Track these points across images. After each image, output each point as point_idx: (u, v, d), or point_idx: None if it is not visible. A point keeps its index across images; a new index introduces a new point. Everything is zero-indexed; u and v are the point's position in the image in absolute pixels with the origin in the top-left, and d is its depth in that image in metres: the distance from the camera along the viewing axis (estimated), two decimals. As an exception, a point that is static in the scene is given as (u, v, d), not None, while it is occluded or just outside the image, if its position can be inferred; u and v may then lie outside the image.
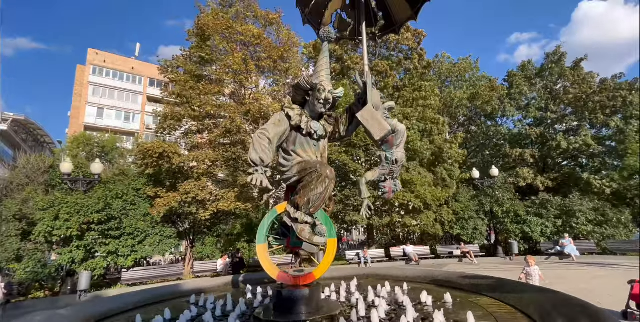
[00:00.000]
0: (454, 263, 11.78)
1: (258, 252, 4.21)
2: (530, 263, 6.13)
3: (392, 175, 4.26)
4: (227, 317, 3.49)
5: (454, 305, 3.78)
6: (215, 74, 12.03)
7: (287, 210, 3.77)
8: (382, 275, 6.30)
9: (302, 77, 3.83)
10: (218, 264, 11.14)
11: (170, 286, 5.71)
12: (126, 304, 4.51)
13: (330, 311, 3.53)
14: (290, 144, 3.81)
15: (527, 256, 6.47)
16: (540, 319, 3.01)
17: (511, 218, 14.66)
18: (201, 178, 11.04)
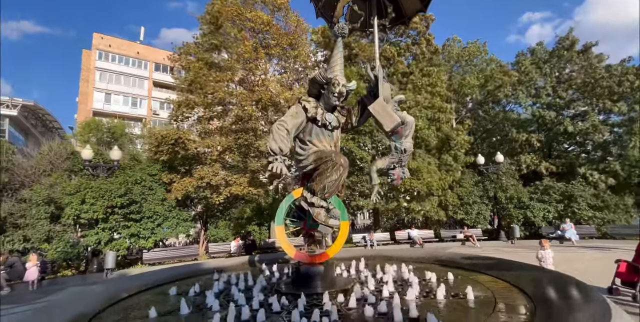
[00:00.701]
0: (457, 246, 12.26)
1: (277, 233, 4.62)
2: (544, 247, 6.12)
3: (401, 163, 4.59)
4: (250, 290, 3.91)
5: (455, 281, 4.17)
6: (226, 62, 12.17)
7: (304, 195, 4.12)
8: (388, 256, 6.73)
9: (318, 72, 4.07)
10: (232, 246, 11.78)
11: (194, 265, 6.24)
12: (159, 279, 5.02)
13: (344, 286, 3.93)
14: (307, 134, 4.10)
15: (542, 240, 6.52)
16: (532, 293, 3.36)
17: (514, 203, 14.99)
18: (214, 164, 11.47)
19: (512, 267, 4.56)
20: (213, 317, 2.80)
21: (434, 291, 3.61)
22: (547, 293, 3.28)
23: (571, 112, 18.70)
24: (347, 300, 3.36)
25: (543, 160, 17.51)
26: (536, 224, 14.49)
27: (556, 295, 3.17)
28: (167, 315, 3.16)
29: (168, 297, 4.01)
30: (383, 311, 2.97)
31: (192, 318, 3.06)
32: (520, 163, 16.78)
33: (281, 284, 4.30)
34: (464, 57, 21.87)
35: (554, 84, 19.05)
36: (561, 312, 2.68)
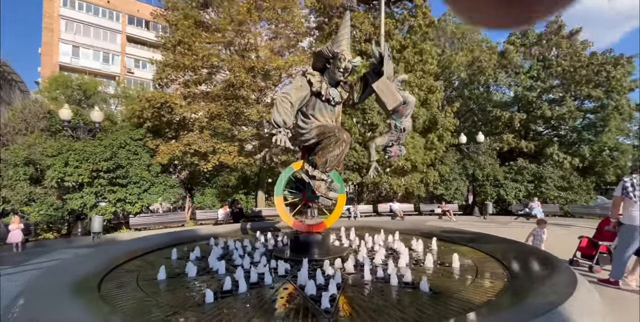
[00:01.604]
0: (435, 220, 13.09)
1: (276, 203, 4.80)
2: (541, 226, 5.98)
3: (399, 141, 4.77)
4: (249, 256, 4.13)
5: (439, 251, 4.59)
6: (219, 22, 11.34)
7: (306, 168, 4.24)
8: (375, 227, 7.15)
9: (325, 46, 4.01)
10: (219, 214, 11.98)
11: (189, 231, 6.39)
12: (157, 243, 5.16)
13: (339, 253, 4.22)
14: (310, 108, 4.11)
15: (539, 219, 6.40)
16: (508, 262, 3.79)
17: (490, 181, 15.94)
18: (204, 131, 11.20)
19: (488, 240, 5.04)
20: (224, 279, 3.01)
21: (423, 259, 3.99)
22: (520, 262, 3.72)
23: (550, 97, 19.37)
24: (345, 266, 3.66)
25: (522, 139, 18.38)
26: (507, 201, 15.62)
27: (528, 264, 3.61)
28: (175, 277, 3.34)
29: (170, 261, 4.18)
30: (380, 276, 3.29)
31: (201, 280, 3.24)
32: (502, 141, 17.54)
33: (279, 251, 4.58)
34: (457, 35, 21.61)
35: (539, 68, 19.47)
36: (534, 277, 3.09)
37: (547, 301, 2.19)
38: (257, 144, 12.78)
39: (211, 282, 3.16)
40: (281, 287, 3.02)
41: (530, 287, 2.73)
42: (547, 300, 2.23)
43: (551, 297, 2.26)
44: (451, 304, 2.54)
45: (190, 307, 2.46)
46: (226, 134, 12.07)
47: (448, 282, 3.21)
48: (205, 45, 11.59)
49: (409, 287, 3.00)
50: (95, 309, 2.38)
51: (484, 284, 3.12)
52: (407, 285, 3.04)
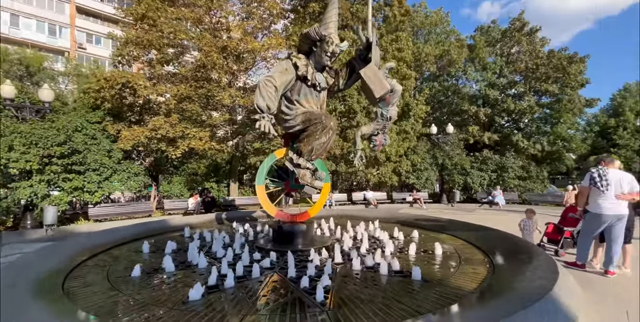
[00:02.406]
0: (406, 208, 13.54)
1: (257, 192, 4.61)
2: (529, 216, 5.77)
3: (384, 130, 4.73)
4: (229, 247, 3.94)
5: (419, 239, 4.69)
6: None
7: (290, 156, 4.06)
8: (354, 216, 7.21)
9: (312, 28, 3.78)
10: (189, 203, 11.42)
11: (159, 221, 5.99)
12: (125, 236, 4.78)
13: (323, 243, 4.15)
14: (295, 93, 3.91)
15: (527, 209, 6.07)
16: (486, 249, 3.94)
17: (458, 170, 16.75)
18: (172, 114, 10.41)
19: (463, 227, 5.23)
20: (208, 273, 2.81)
21: (406, 247, 4.04)
22: (497, 248, 3.88)
23: (513, 92, 20.52)
24: (331, 256, 3.60)
25: (486, 131, 19.45)
26: (473, 189, 16.56)
27: (505, 250, 3.77)
28: (152, 273, 3.07)
29: (143, 254, 3.87)
30: (369, 265, 3.27)
31: (182, 275, 3.01)
32: (467, 133, 18.44)
33: (261, 241, 4.41)
34: (426, 26, 21.93)
35: (502, 64, 20.50)
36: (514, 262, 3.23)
37: (537, 285, 2.27)
38: (229, 130, 12.23)
39: (193, 277, 2.94)
40: (270, 280, 2.89)
41: (515, 272, 2.83)
42: (536, 284, 2.31)
43: (539, 282, 2.34)
44: (443, 292, 2.56)
45: (175, 305, 2.26)
46: (196, 118, 11.38)
47: (435, 270, 3.26)
48: (171, 22, 10.66)
49: (399, 275, 3.00)
50: (63, 311, 2.11)
51: (468, 270, 3.20)
52: (397, 274, 3.04)
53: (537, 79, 19.33)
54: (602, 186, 4.34)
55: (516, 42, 20.69)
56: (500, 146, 19.28)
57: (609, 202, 4.34)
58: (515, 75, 20.53)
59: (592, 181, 4.44)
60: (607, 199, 4.35)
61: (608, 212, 4.34)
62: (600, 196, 4.39)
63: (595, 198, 4.45)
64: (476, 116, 19.02)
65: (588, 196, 4.53)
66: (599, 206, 4.41)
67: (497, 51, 21.11)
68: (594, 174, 4.46)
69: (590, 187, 4.47)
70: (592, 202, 4.53)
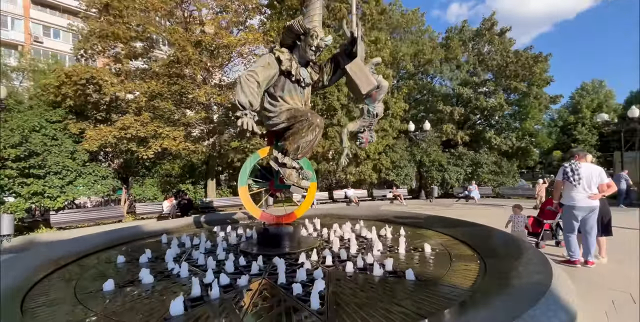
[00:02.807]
0: (387, 204, 13.68)
1: (240, 193, 4.37)
2: (516, 212, 5.68)
3: (370, 127, 4.64)
4: (212, 253, 3.71)
5: (406, 237, 4.66)
6: None
7: (275, 155, 3.88)
8: (338, 214, 7.10)
9: (296, 20, 3.62)
10: (164, 206, 10.83)
11: (132, 227, 5.58)
12: (94, 244, 4.38)
13: (311, 245, 3.99)
14: (278, 89, 3.76)
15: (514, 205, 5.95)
16: (474, 244, 3.95)
17: (435, 167, 17.19)
18: (143, 112, 9.77)
19: (447, 223, 5.25)
20: (191, 283, 2.58)
21: (395, 245, 3.98)
22: (484, 243, 3.91)
23: (485, 90, 21.40)
24: (322, 258, 3.46)
25: (460, 130, 20.14)
26: (450, 185, 17.07)
27: (493, 245, 3.80)
28: (128, 286, 2.78)
29: (115, 265, 3.54)
30: (360, 266, 3.16)
31: (162, 287, 2.75)
32: (442, 132, 19.02)
33: (245, 245, 4.19)
34: (402, 25, 22.34)
35: (474, 62, 21.32)
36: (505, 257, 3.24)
37: (534, 281, 2.25)
38: (205, 129, 11.73)
39: (174, 289, 2.69)
40: (260, 287, 2.70)
41: (508, 268, 2.82)
42: (534, 280, 2.29)
43: (536, 277, 2.33)
44: (440, 291, 2.50)
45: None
46: (169, 116, 10.79)
47: (427, 268, 3.20)
48: (138, 13, 10.00)
49: (394, 276, 2.91)
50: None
51: (460, 267, 3.16)
52: (391, 274, 2.95)
53: (507, 77, 20.28)
54: (574, 180, 4.51)
55: (488, 42, 21.54)
56: (474, 143, 20.08)
57: (582, 195, 4.52)
58: (486, 73, 21.39)
59: (565, 175, 4.60)
60: (579, 191, 4.52)
61: (581, 204, 4.51)
62: (573, 189, 4.55)
63: (569, 191, 4.62)
64: (451, 115, 19.63)
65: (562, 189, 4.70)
66: (572, 199, 4.58)
67: (470, 50, 21.90)
68: (567, 168, 4.62)
69: (564, 181, 4.63)
70: (565, 195, 4.70)
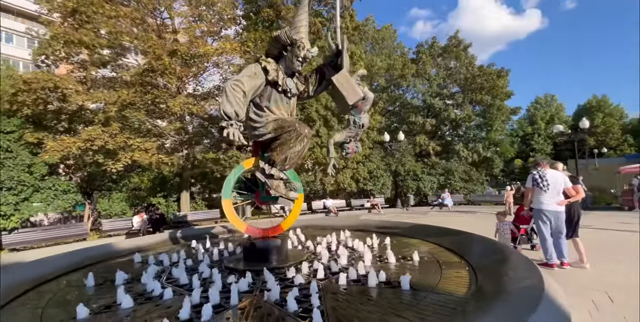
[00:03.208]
0: (365, 214, 13.78)
1: (224, 207, 4.18)
2: (500, 219, 5.76)
3: (356, 138, 4.69)
4: (194, 271, 3.51)
5: (392, 246, 4.67)
6: None
7: (261, 166, 3.80)
8: (320, 225, 7.01)
9: (283, 31, 3.66)
10: (134, 222, 10.12)
11: (100, 247, 5.14)
12: (58, 267, 3.97)
13: (299, 258, 3.89)
14: (265, 99, 3.74)
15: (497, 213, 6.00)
16: (456, 249, 4.04)
17: (411, 176, 17.68)
18: (110, 123, 9.18)
19: (429, 230, 5.31)
20: (177, 305, 2.39)
21: (384, 255, 3.97)
22: (469, 249, 4.01)
23: (453, 102, 22.64)
24: (312, 271, 3.36)
25: (431, 141, 21.05)
26: (424, 193, 17.61)
27: (477, 250, 3.90)
28: (104, 311, 2.52)
29: (86, 289, 3.21)
30: (354, 278, 3.10)
31: (144, 312, 2.51)
32: (416, 143, 19.77)
33: (230, 261, 4.00)
34: (377, 40, 23.33)
35: (444, 76, 22.64)
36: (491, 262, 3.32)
37: (528, 285, 2.31)
38: (179, 140, 11.25)
39: (158, 312, 2.48)
40: (253, 305, 2.55)
41: (498, 273, 2.89)
42: (526, 284, 2.35)
43: (528, 282, 2.40)
44: (439, 300, 2.49)
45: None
46: (139, 127, 10.24)
47: (420, 277, 3.19)
48: (108, 20, 9.56)
49: (389, 286, 2.88)
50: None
51: (451, 274, 3.20)
52: (386, 284, 2.92)
53: (473, 90, 21.67)
54: (543, 185, 4.82)
55: (455, 57, 23.00)
56: (445, 153, 21.04)
57: (549, 199, 4.83)
58: (454, 87, 22.73)
59: (534, 182, 4.91)
60: (547, 196, 4.84)
61: (549, 207, 4.82)
62: (542, 194, 4.86)
63: (538, 196, 4.93)
64: (423, 126, 20.49)
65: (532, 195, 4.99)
66: (541, 203, 4.88)
67: (438, 65, 23.24)
68: (535, 175, 4.93)
69: (533, 187, 4.94)
70: (535, 200, 4.99)
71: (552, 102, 48.13)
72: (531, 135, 42.73)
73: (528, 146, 42.40)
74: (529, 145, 42.42)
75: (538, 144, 41.06)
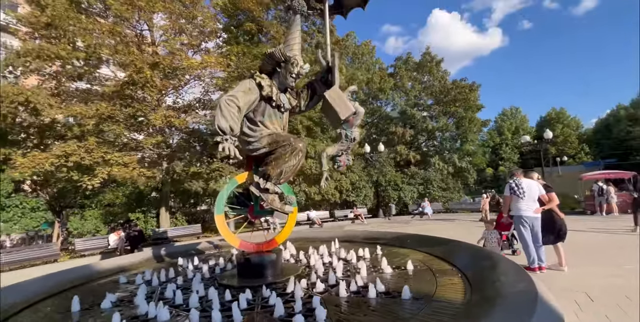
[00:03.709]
0: (349, 224, 13.85)
1: (217, 222, 4.12)
2: (488, 227, 5.87)
3: (347, 151, 4.82)
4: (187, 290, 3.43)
5: (384, 256, 4.74)
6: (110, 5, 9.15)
7: (256, 180, 3.82)
8: (310, 237, 6.97)
9: (278, 48, 3.78)
10: (110, 240, 9.55)
11: (80, 268, 4.84)
12: (34, 293, 3.69)
13: (294, 272, 3.88)
14: (259, 114, 3.80)
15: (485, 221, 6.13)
16: (446, 257, 4.18)
17: (392, 186, 18.07)
18: (88, 138, 8.75)
19: (416, 239, 5.44)
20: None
21: (378, 265, 4.03)
22: (458, 256, 4.16)
23: (429, 114, 23.66)
24: (311, 285, 3.36)
25: (411, 151, 21.75)
26: (405, 203, 18.02)
27: (465, 257, 4.06)
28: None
29: (71, 314, 3.02)
30: (354, 289, 3.13)
31: (142, 335, 2.41)
32: (397, 152, 20.36)
33: (223, 278, 3.91)
34: (357, 55, 24.19)
35: (420, 89, 23.72)
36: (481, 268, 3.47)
37: (521, 290, 2.45)
38: (157, 154, 10.89)
39: (159, 336, 2.39)
40: (258, 323, 2.53)
41: (490, 279, 3.02)
42: (520, 289, 2.49)
43: (521, 286, 2.54)
44: (440, 307, 2.57)
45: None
46: (115, 140, 9.83)
47: (417, 285, 3.26)
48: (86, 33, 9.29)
49: (389, 296, 2.94)
50: None
51: (446, 281, 3.30)
52: (386, 295, 2.97)
53: (447, 103, 22.82)
54: (520, 193, 5.15)
55: (428, 71, 24.23)
56: (423, 163, 21.79)
57: (527, 206, 5.16)
58: (429, 99, 23.85)
59: (511, 190, 5.23)
60: (524, 203, 5.17)
61: (527, 213, 5.14)
62: (520, 201, 5.19)
63: (515, 204, 5.25)
64: (402, 136, 21.18)
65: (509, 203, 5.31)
66: (520, 210, 5.20)
67: (414, 79, 24.37)
68: (512, 184, 5.26)
69: (511, 195, 5.27)
70: (514, 207, 5.31)
71: (517, 114, 51.49)
72: (499, 145, 45.22)
73: (497, 156, 44.78)
74: (497, 155, 44.83)
75: (506, 153, 43.49)
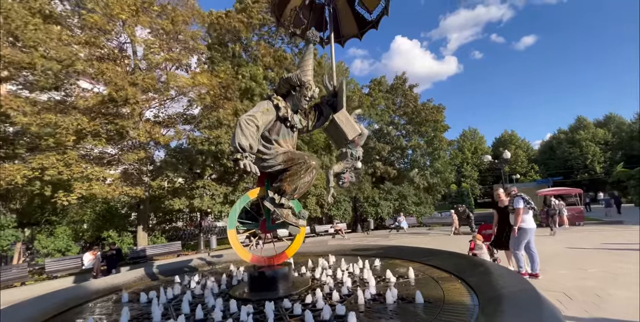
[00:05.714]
0: (330, 239, 14.00)
1: (230, 237, 4.21)
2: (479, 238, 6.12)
3: (352, 168, 5.18)
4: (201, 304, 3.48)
5: (382, 267, 5.02)
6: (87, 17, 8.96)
7: (270, 196, 4.03)
8: (302, 252, 7.11)
9: (295, 74, 4.16)
10: (85, 260, 8.86)
11: (73, 289, 4.60)
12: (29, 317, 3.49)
13: (305, 285, 4.05)
14: (274, 133, 4.09)
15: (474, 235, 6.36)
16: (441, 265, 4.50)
17: (369, 202, 18.62)
18: (68, 151, 8.25)
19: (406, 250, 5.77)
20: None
21: (382, 275, 4.29)
22: (454, 265, 4.50)
23: (403, 133, 25.04)
24: (329, 297, 3.53)
25: (388, 167, 22.70)
26: (382, 217, 18.60)
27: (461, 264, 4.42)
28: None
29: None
30: (369, 297, 3.36)
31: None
32: (376, 167, 21.17)
33: (235, 292, 3.96)
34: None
35: (394, 109, 25.18)
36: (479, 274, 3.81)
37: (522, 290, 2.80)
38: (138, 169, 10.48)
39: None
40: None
41: (489, 283, 3.39)
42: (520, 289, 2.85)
43: (520, 287, 2.91)
44: (454, 309, 2.84)
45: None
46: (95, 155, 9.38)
47: (425, 291, 3.54)
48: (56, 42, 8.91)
49: (406, 301, 3.20)
50: None
51: (450, 287, 3.61)
52: (403, 300, 3.23)
53: (418, 123, 24.36)
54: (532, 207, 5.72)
55: (401, 94, 25.86)
56: (398, 178, 22.81)
57: (529, 218, 5.74)
58: (402, 119, 25.31)
59: (526, 203, 5.77)
60: (529, 216, 5.75)
61: (532, 225, 5.72)
62: (529, 213, 5.76)
63: (527, 216, 5.79)
64: (380, 152, 22.12)
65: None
66: (531, 223, 5.74)
67: (388, 98, 25.87)
68: (525, 197, 5.82)
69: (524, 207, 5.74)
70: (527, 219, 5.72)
71: (475, 135, 55.85)
72: (461, 163, 48.44)
73: (459, 173, 47.89)
74: (460, 173, 47.94)
75: (467, 171, 46.61)
